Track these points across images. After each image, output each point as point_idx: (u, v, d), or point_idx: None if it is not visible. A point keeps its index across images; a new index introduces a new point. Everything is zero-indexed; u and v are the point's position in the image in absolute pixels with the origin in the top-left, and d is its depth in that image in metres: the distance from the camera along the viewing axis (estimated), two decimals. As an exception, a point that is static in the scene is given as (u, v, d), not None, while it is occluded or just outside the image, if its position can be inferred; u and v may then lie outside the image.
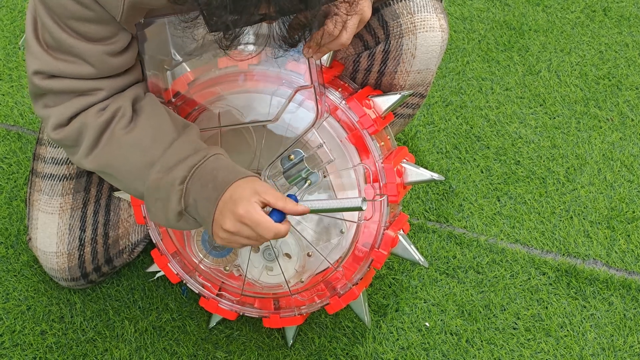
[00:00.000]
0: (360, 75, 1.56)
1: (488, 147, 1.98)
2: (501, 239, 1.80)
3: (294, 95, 1.43)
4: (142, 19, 1.35)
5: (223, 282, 1.56)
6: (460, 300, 1.69)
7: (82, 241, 1.62)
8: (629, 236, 1.80)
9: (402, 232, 1.51)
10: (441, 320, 1.66)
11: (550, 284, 1.72)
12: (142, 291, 1.71)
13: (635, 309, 1.68)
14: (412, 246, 1.51)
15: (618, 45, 2.25)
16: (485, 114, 2.06)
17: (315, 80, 1.40)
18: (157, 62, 1.42)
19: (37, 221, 1.61)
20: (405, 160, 1.52)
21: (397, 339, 1.64)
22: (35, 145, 1.65)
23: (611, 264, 1.76)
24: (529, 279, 1.73)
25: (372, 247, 1.47)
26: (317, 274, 1.52)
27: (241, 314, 1.56)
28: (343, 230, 1.48)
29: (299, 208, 1.30)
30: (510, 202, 1.87)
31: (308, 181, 1.43)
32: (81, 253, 1.62)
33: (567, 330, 1.65)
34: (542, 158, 1.96)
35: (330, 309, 1.50)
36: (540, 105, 2.09)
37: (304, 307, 1.53)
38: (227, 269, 1.55)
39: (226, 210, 1.28)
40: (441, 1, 1.56)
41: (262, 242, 1.32)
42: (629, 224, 1.83)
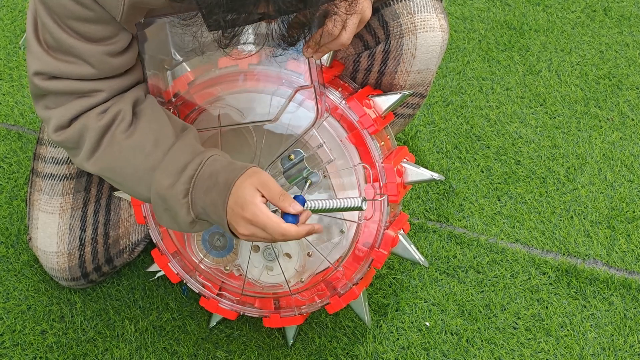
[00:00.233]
0: (360, 75, 1.56)
1: (488, 147, 1.98)
2: (501, 239, 1.80)
3: (294, 95, 1.43)
4: (142, 19, 1.35)
5: (223, 282, 1.56)
6: (461, 300, 1.69)
7: (83, 241, 1.62)
8: (629, 236, 1.80)
9: (402, 231, 1.51)
10: (441, 320, 1.66)
11: (551, 283, 1.72)
12: (142, 291, 1.71)
13: (635, 308, 1.68)
14: (412, 246, 1.51)
15: (618, 45, 2.25)
16: (486, 114, 2.06)
17: (315, 80, 1.40)
18: (157, 62, 1.42)
19: (38, 221, 1.61)
20: (405, 160, 1.52)
21: (398, 339, 1.64)
22: (36, 145, 1.65)
23: (611, 263, 1.76)
24: (529, 278, 1.73)
25: (372, 246, 1.47)
26: (318, 273, 1.52)
27: (241, 313, 1.56)
28: (343, 230, 1.48)
29: (292, 210, 1.28)
30: (511, 201, 1.87)
31: (308, 181, 1.43)
32: (81, 253, 1.62)
33: (568, 330, 1.65)
34: (543, 158, 1.96)
35: (331, 309, 1.50)
36: (540, 105, 2.09)
37: (304, 306, 1.53)
38: (227, 268, 1.55)
39: (235, 217, 1.29)
40: (441, 1, 1.56)
41: (279, 241, 1.31)
42: (629, 223, 1.83)
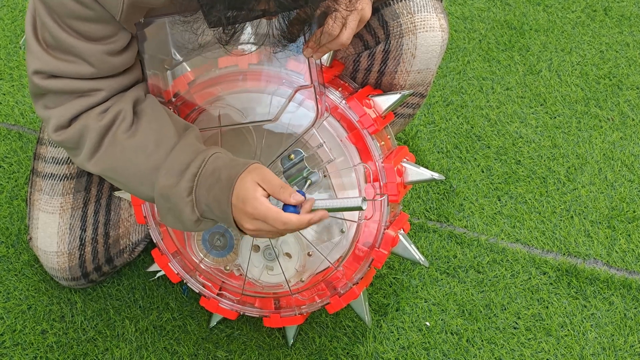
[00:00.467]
0: (360, 74, 1.56)
1: (489, 147, 1.98)
2: (502, 239, 1.80)
3: (294, 94, 1.43)
4: (142, 18, 1.35)
5: (223, 282, 1.56)
6: (461, 300, 1.69)
7: (83, 241, 1.62)
8: (629, 236, 1.80)
9: (402, 231, 1.51)
10: (442, 320, 1.66)
11: (551, 283, 1.72)
12: (142, 291, 1.71)
13: (635, 308, 1.68)
14: (412, 245, 1.51)
15: (619, 45, 2.25)
16: (486, 114, 2.06)
17: (315, 80, 1.40)
18: (157, 62, 1.42)
19: (38, 221, 1.61)
20: (405, 159, 1.52)
21: (398, 339, 1.64)
22: (36, 144, 1.65)
23: (612, 263, 1.76)
24: (529, 278, 1.73)
25: (372, 246, 1.47)
26: (318, 273, 1.52)
27: (242, 313, 1.56)
28: (343, 230, 1.48)
29: (292, 200, 1.27)
30: (511, 201, 1.87)
31: (308, 181, 1.43)
32: (82, 252, 1.62)
33: (568, 330, 1.65)
34: (543, 158, 1.96)
35: (331, 309, 1.50)
36: (540, 105, 2.09)
37: (304, 306, 1.52)
38: (227, 268, 1.55)
39: (240, 213, 1.29)
40: (441, 1, 1.56)
41: (285, 233, 1.31)
42: (629, 223, 1.82)
